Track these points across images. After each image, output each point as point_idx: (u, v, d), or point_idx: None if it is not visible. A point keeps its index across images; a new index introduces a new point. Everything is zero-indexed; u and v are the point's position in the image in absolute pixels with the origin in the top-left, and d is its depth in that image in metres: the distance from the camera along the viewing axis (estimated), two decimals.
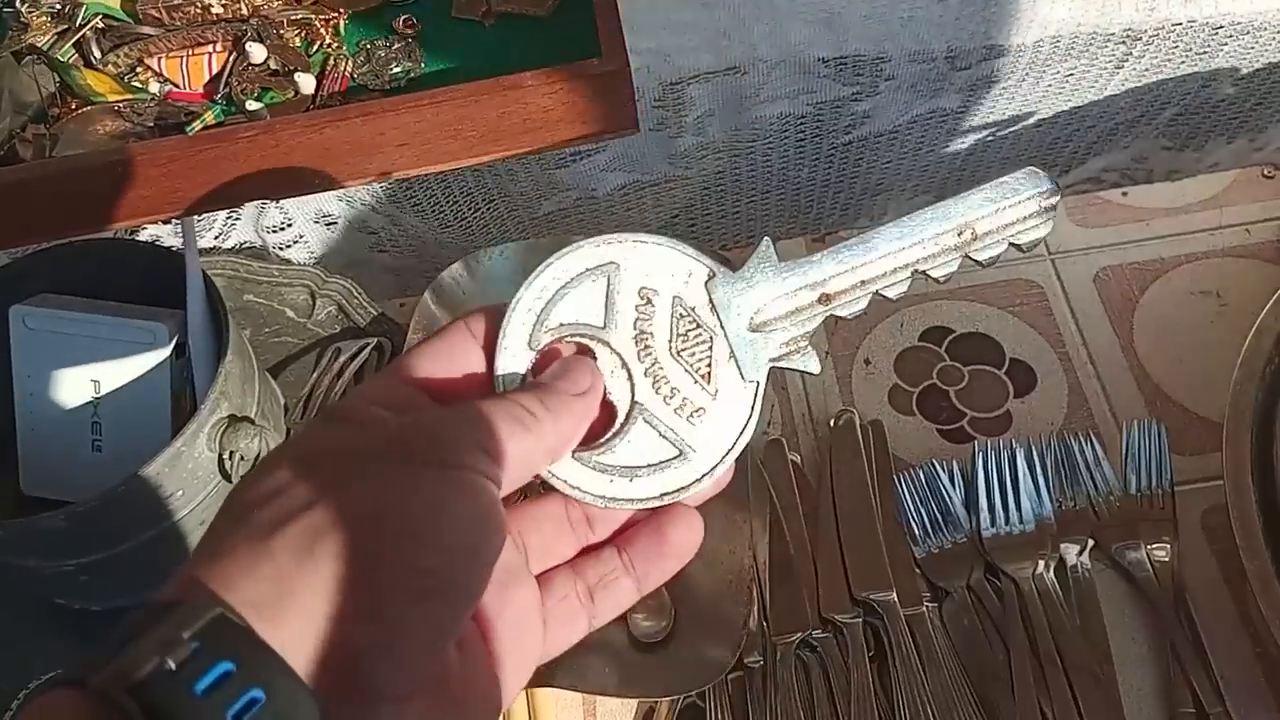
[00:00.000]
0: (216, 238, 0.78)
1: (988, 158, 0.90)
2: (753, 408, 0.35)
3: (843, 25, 0.73)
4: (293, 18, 0.61)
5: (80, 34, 0.61)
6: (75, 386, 0.68)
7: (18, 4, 0.63)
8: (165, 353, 0.67)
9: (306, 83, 0.58)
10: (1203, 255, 0.73)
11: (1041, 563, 0.62)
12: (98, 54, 0.61)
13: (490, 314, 0.35)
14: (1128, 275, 0.73)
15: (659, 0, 0.70)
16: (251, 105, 0.58)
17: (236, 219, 0.78)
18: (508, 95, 0.55)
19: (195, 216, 0.63)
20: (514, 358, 0.35)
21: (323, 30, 0.61)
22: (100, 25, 0.61)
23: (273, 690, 0.25)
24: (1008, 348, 0.72)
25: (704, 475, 0.35)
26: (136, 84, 0.60)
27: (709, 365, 0.35)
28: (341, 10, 0.61)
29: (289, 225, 0.79)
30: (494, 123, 0.57)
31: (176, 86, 0.60)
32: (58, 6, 0.62)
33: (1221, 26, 0.77)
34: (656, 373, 0.35)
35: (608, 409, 0.35)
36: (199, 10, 0.61)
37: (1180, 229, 0.75)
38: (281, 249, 0.81)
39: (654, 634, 0.62)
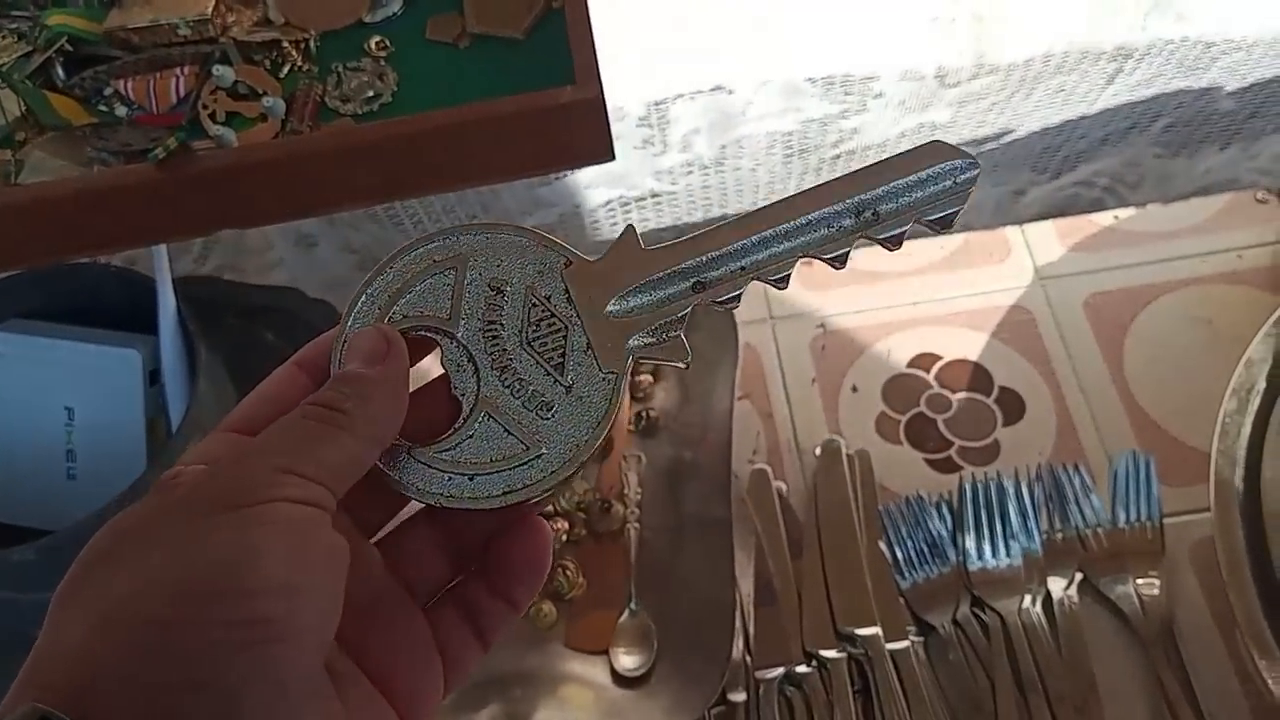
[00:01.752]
0: (194, 260, 0.77)
1: (981, 171, 0.89)
2: (611, 401, 0.32)
3: (831, 45, 0.71)
4: (261, 39, 0.60)
5: (46, 56, 0.60)
6: (48, 413, 0.67)
7: None
8: (138, 380, 0.66)
9: (276, 106, 0.57)
10: (1194, 281, 0.72)
11: (1028, 597, 0.61)
12: (63, 76, 0.60)
13: (324, 341, 0.33)
14: (1118, 300, 0.72)
15: (644, 19, 0.68)
16: (218, 130, 0.57)
17: (215, 242, 0.76)
18: (482, 124, 0.54)
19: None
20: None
21: (293, 51, 0.59)
22: (67, 47, 0.60)
23: None
24: (997, 375, 0.70)
25: (551, 474, 0.32)
26: (103, 107, 0.59)
27: (562, 356, 0.33)
28: (312, 31, 0.60)
29: (270, 249, 0.78)
30: (468, 151, 0.55)
31: (143, 110, 0.59)
32: (23, 29, 0.61)
33: (1214, 44, 0.75)
34: (505, 364, 0.33)
35: (454, 404, 0.33)
36: (166, 32, 0.60)
37: (1171, 254, 0.73)
38: (261, 272, 0.80)
39: (636, 669, 0.61)
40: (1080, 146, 0.85)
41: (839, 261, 0.33)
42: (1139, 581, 0.61)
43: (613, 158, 0.56)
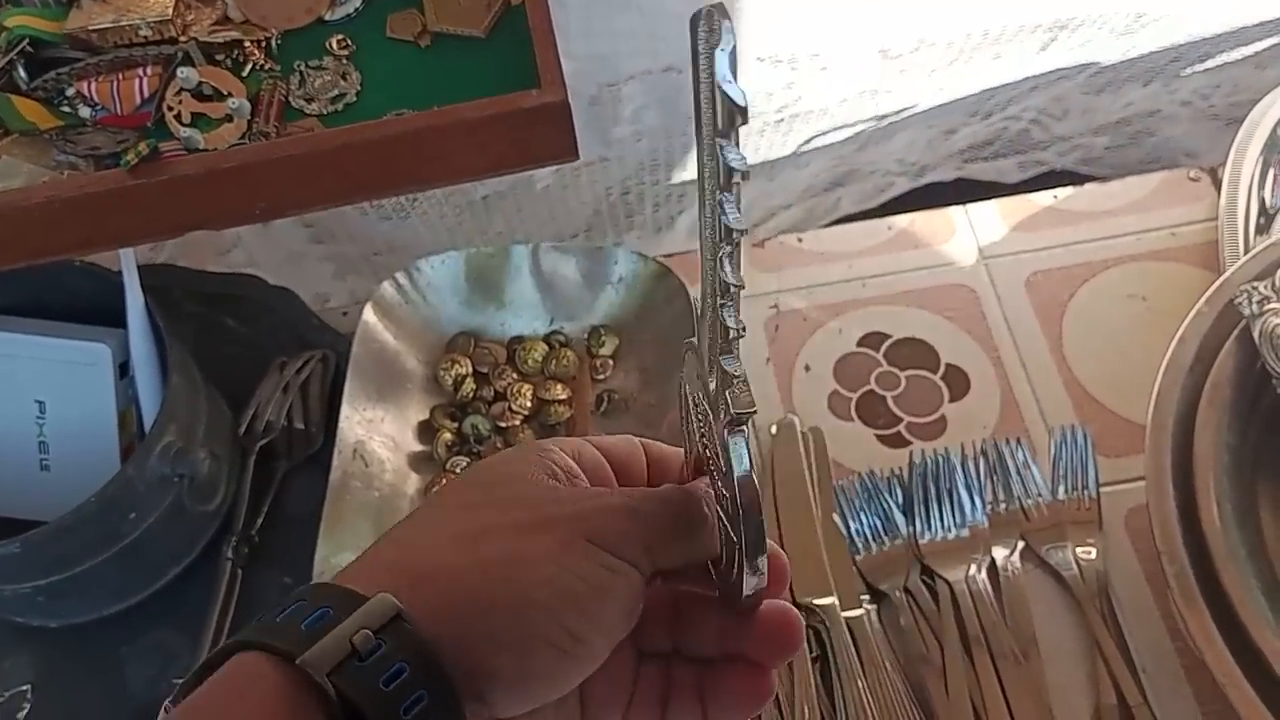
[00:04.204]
0: (152, 248, 0.77)
1: (915, 120, 0.91)
2: None
3: (778, 28, 0.73)
4: (223, 39, 0.60)
5: (8, 58, 0.59)
6: (19, 407, 0.68)
7: None
8: (109, 373, 0.67)
9: (242, 108, 0.58)
10: (1130, 258, 0.75)
11: (974, 565, 0.65)
12: (26, 78, 0.60)
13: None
14: (1057, 279, 0.75)
15: (595, 6, 0.69)
16: (185, 132, 0.57)
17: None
18: (448, 128, 0.55)
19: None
20: None
21: (255, 51, 0.60)
22: (29, 49, 0.60)
23: (434, 692, 0.30)
24: (943, 352, 0.73)
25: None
26: (66, 109, 0.59)
27: None
28: (273, 30, 0.60)
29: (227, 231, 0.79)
30: (434, 153, 0.57)
31: (108, 111, 0.59)
32: None
33: (1145, 13, 0.78)
34: None
35: None
36: (128, 33, 0.60)
37: (1108, 232, 0.76)
38: (218, 254, 0.80)
39: None
40: (1012, 93, 0.88)
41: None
42: (1078, 549, 0.65)
43: (576, 157, 0.57)
